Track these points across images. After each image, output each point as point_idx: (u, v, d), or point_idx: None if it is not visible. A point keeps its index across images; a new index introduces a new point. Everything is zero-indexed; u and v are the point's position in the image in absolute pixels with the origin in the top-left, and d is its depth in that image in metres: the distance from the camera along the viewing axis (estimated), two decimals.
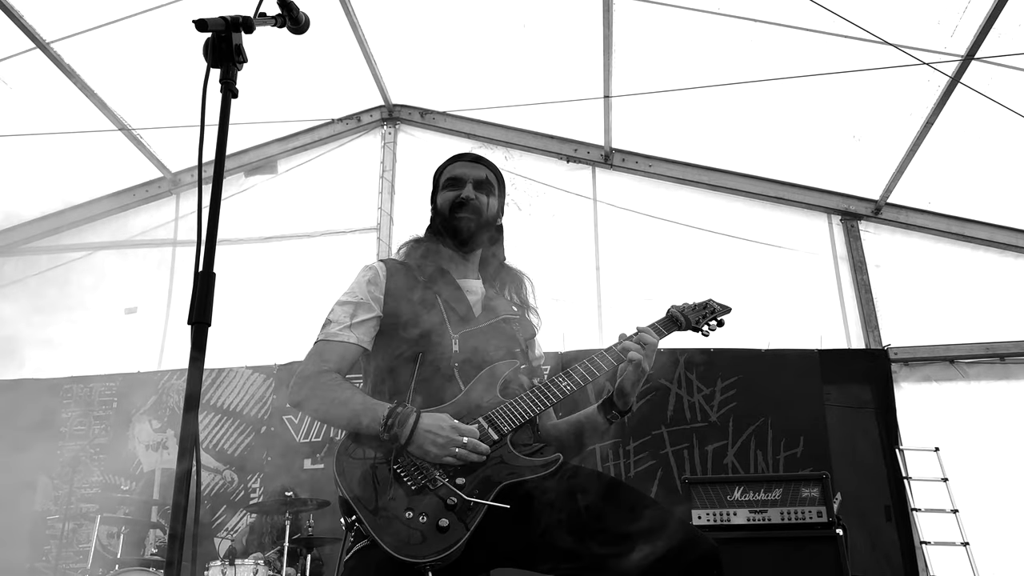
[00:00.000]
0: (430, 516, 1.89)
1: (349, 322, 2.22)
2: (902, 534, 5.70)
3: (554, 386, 2.12)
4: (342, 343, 2.19)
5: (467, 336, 2.19)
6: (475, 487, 1.94)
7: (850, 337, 6.46)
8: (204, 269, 1.46)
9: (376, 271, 2.33)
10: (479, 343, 2.19)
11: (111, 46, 6.11)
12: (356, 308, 2.25)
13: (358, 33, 6.48)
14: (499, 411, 2.06)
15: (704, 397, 6.21)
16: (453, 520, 1.88)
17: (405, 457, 1.97)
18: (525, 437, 2.13)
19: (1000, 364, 6.21)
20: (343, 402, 2.06)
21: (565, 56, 6.37)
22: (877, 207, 6.64)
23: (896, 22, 5.13)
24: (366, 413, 2.01)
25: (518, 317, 2.38)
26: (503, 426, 2.04)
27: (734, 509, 4.19)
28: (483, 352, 2.18)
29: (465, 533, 1.86)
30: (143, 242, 7.62)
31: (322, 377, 2.13)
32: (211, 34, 1.57)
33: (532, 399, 2.09)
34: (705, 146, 6.77)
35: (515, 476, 1.98)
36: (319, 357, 2.18)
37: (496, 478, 1.96)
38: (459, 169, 2.45)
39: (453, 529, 1.87)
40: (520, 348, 2.31)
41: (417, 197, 7.30)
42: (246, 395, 6.79)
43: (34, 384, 7.11)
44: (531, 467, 2.01)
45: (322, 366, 2.15)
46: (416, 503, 1.90)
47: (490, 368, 2.15)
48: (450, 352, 2.16)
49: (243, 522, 6.27)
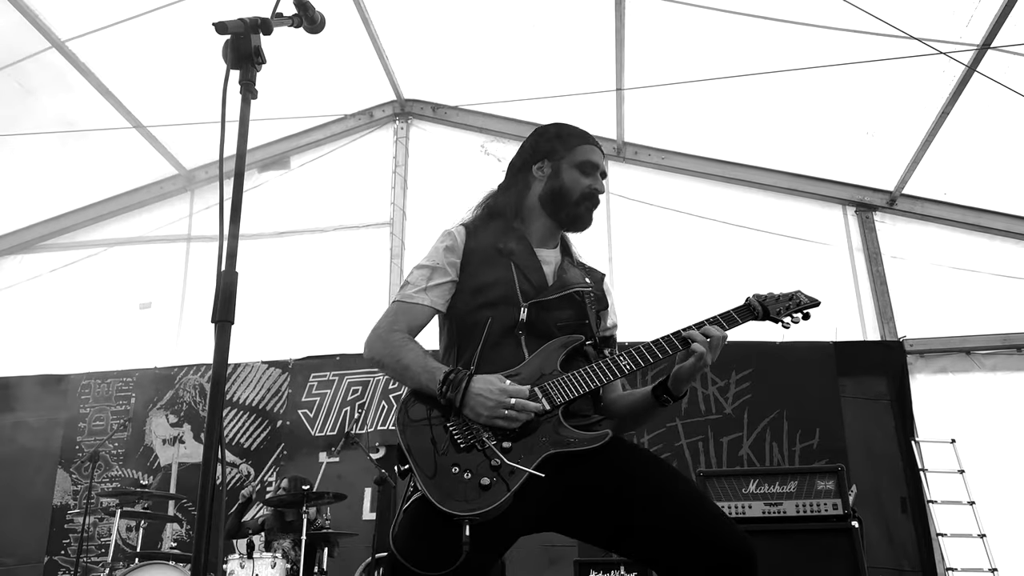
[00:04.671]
0: (475, 474, 1.98)
1: (424, 285, 2.29)
2: (918, 526, 5.68)
3: (613, 365, 2.15)
4: (416, 305, 2.28)
5: (536, 306, 2.23)
6: (521, 452, 2.01)
7: (865, 329, 6.43)
8: (227, 268, 1.48)
9: (455, 238, 2.35)
10: (547, 314, 2.23)
11: (126, 44, 6.15)
12: (432, 272, 2.31)
13: (370, 29, 6.49)
14: (555, 383, 2.11)
15: (719, 389, 6.21)
16: (496, 481, 1.97)
17: (459, 416, 2.06)
18: (584, 408, 2.19)
19: (1017, 355, 6.17)
20: (407, 364, 2.17)
21: (577, 50, 6.36)
22: (892, 198, 6.61)
23: (911, 12, 5.09)
24: (425, 375, 2.11)
25: (590, 288, 2.35)
26: (556, 398, 2.09)
27: (749, 502, 4.19)
28: (550, 323, 2.22)
29: (506, 494, 1.95)
30: (157, 238, 7.67)
31: (392, 336, 2.24)
32: (230, 36, 1.59)
33: (589, 375, 2.12)
34: (718, 139, 6.74)
35: (561, 447, 2.04)
36: (393, 317, 2.29)
37: (542, 447, 2.03)
38: (595, 156, 2.41)
39: (495, 489, 1.96)
40: (588, 320, 2.29)
41: (430, 191, 7.37)
42: (262, 389, 6.84)
43: (51, 380, 7.19)
44: (578, 439, 2.05)
45: (393, 326, 2.26)
46: (464, 461, 2.00)
47: (554, 341, 2.19)
48: (517, 321, 2.20)
49: (259, 515, 6.33)
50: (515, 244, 2.33)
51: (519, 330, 2.20)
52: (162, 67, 6.40)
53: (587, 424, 2.14)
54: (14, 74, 6.23)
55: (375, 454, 6.30)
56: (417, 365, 2.15)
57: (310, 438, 6.61)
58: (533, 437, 2.04)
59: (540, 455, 2.01)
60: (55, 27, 5.95)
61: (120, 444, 6.87)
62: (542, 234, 2.40)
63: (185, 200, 7.76)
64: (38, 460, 6.95)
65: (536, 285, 2.27)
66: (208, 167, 7.67)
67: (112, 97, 6.59)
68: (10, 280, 7.76)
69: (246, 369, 6.89)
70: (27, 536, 6.66)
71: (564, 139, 2.44)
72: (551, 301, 2.25)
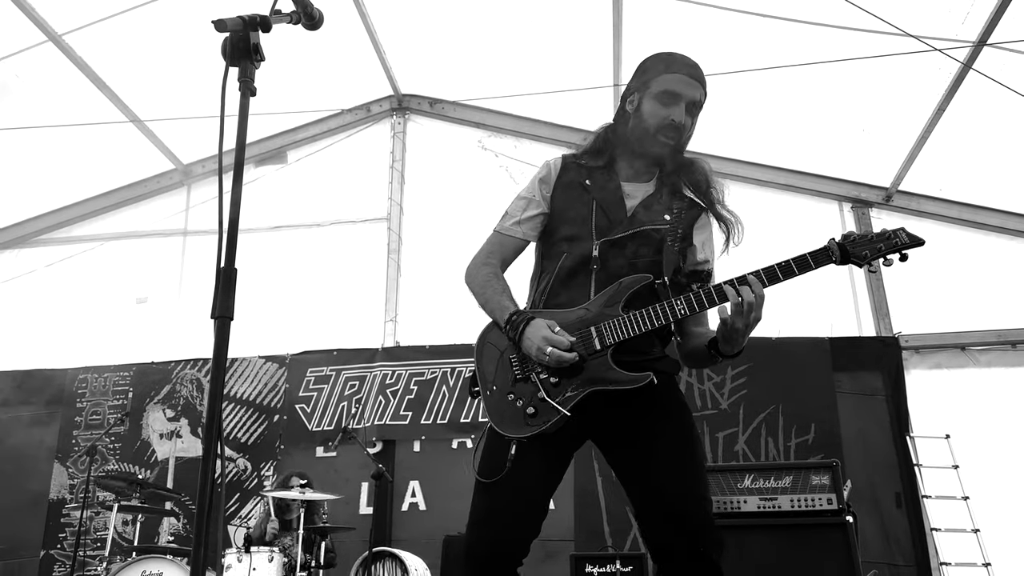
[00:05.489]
0: (524, 402, 2.22)
1: (520, 216, 2.42)
2: (913, 521, 5.71)
3: (669, 309, 2.17)
4: (509, 237, 2.43)
5: (607, 244, 2.29)
6: (567, 388, 2.19)
7: (861, 325, 6.46)
8: (226, 264, 1.49)
9: (549, 169, 2.45)
10: (620, 251, 2.29)
11: (122, 38, 6.14)
12: (528, 204, 2.43)
13: (367, 23, 6.48)
14: (610, 324, 2.19)
15: (715, 385, 6.23)
16: (539, 411, 2.19)
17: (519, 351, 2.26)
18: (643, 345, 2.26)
19: (1011, 351, 6.19)
20: (487, 298, 2.34)
21: (575, 45, 6.36)
22: (888, 194, 6.63)
23: (908, 9, 5.10)
24: (499, 311, 2.30)
25: (668, 225, 2.32)
26: (608, 338, 2.18)
27: (744, 496, 4.21)
28: (623, 260, 2.28)
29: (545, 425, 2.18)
30: (154, 232, 7.67)
31: (482, 270, 2.40)
32: (229, 33, 1.59)
33: (642, 318, 2.17)
34: (715, 134, 6.73)
35: (602, 384, 2.18)
36: (488, 248, 2.45)
37: (585, 384, 2.19)
38: (678, 85, 2.34)
39: (540, 416, 2.19)
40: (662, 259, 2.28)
41: (427, 186, 7.38)
42: (259, 384, 6.85)
43: (49, 374, 7.19)
44: (619, 380, 2.17)
45: (487, 259, 2.42)
46: (518, 389, 2.24)
47: (619, 282, 2.24)
48: (590, 257, 2.29)
49: (256, 510, 6.35)
50: (601, 179, 2.38)
51: (592, 265, 2.29)
52: (159, 61, 6.39)
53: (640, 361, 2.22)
54: (10, 67, 6.22)
55: (372, 449, 6.31)
56: (494, 302, 2.31)
57: (307, 433, 6.62)
58: (582, 375, 2.19)
59: (583, 391, 2.18)
60: (51, 21, 5.94)
61: (117, 438, 6.87)
62: (634, 168, 2.41)
63: (182, 194, 7.75)
64: (35, 454, 6.96)
65: (614, 221, 2.32)
66: (204, 161, 7.66)
67: (109, 91, 6.58)
68: (6, 274, 7.75)
69: (243, 364, 6.90)
70: (24, 530, 6.67)
71: (648, 69, 2.39)
72: (622, 239, 2.29)
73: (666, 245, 2.29)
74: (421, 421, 6.46)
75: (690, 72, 2.36)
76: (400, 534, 6.12)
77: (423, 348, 6.67)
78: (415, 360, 6.65)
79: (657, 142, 2.34)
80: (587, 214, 2.32)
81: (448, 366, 6.58)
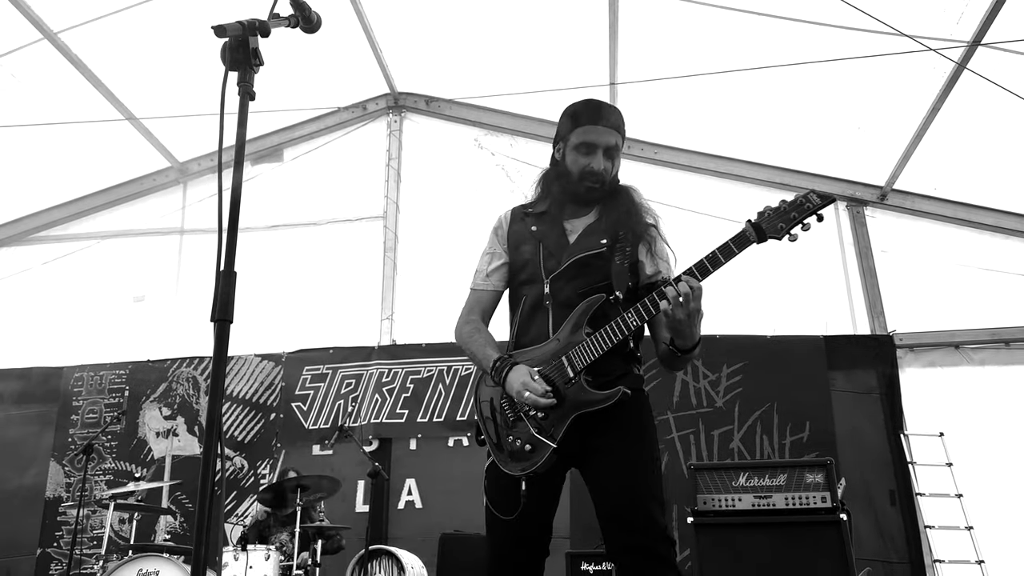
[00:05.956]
0: (523, 440, 2.39)
1: (487, 269, 2.64)
2: (907, 518, 5.74)
3: (623, 322, 2.31)
4: (482, 291, 2.65)
5: (554, 279, 2.48)
6: (554, 420, 2.36)
7: (856, 323, 6.48)
8: (226, 268, 1.50)
9: (501, 221, 2.67)
10: (567, 284, 2.46)
11: (118, 36, 6.12)
12: (491, 257, 2.65)
13: (363, 21, 6.48)
14: (576, 349, 2.35)
15: (710, 383, 6.25)
16: (537, 445, 2.36)
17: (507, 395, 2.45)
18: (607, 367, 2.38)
19: (1005, 349, 6.22)
20: (473, 352, 2.56)
21: (571, 43, 6.36)
22: (883, 193, 6.65)
23: (902, 9, 5.12)
24: (484, 362, 2.50)
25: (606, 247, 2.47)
26: (577, 363, 2.34)
27: (739, 495, 4.23)
28: (571, 292, 2.44)
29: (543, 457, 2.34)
30: (151, 231, 7.66)
31: (465, 327, 2.63)
32: (228, 39, 1.60)
33: (602, 337, 2.32)
34: (710, 133, 6.77)
35: (583, 407, 2.34)
36: (467, 307, 2.67)
37: (568, 411, 2.35)
38: (592, 135, 2.53)
39: (537, 452, 2.35)
40: (609, 281, 2.42)
41: (423, 184, 7.38)
42: (255, 382, 6.86)
43: (45, 372, 7.19)
44: (595, 400, 2.33)
45: (468, 316, 2.64)
46: (516, 430, 2.42)
47: (577, 307, 2.40)
48: (543, 293, 2.48)
49: (253, 508, 6.35)
50: (547, 222, 2.57)
51: (546, 301, 2.47)
52: (154, 59, 6.38)
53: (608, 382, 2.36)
54: (6, 65, 6.21)
55: (368, 447, 6.32)
56: (480, 353, 2.52)
57: (304, 431, 6.63)
58: (565, 404, 2.35)
59: (568, 418, 2.34)
60: (47, 18, 5.93)
61: (113, 436, 6.87)
62: (574, 206, 2.60)
63: (178, 192, 7.75)
64: (31, 452, 6.96)
65: (558, 258, 2.51)
66: (200, 159, 7.65)
67: (104, 88, 6.57)
68: (2, 272, 7.74)
69: (239, 362, 6.90)
70: (20, 528, 6.67)
71: (566, 121, 2.62)
72: (564, 270, 2.47)
73: (613, 265, 2.44)
74: (417, 419, 6.47)
75: (604, 122, 2.56)
76: (396, 532, 6.13)
77: (419, 346, 6.69)
78: (411, 358, 6.66)
79: (583, 187, 2.53)
80: (536, 258, 2.52)
81: (444, 364, 6.59)
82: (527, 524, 2.42)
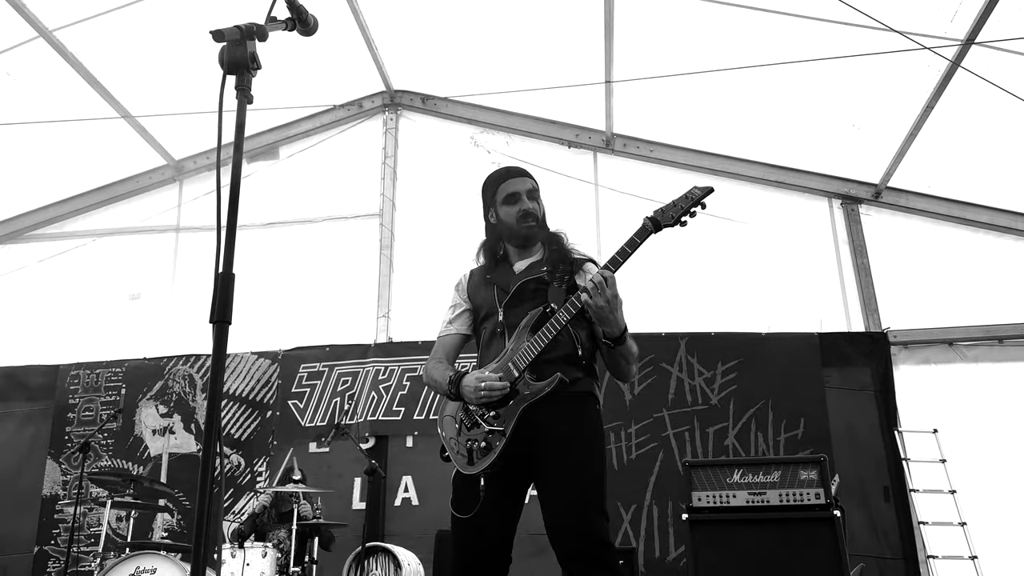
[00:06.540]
0: (479, 442, 2.66)
1: (450, 317, 2.99)
2: (900, 515, 5.78)
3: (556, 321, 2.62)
4: (446, 336, 2.98)
5: (506, 308, 2.80)
6: (505, 416, 2.63)
7: (850, 320, 6.51)
8: (224, 270, 1.51)
9: (460, 279, 3.04)
10: (517, 309, 2.78)
11: (114, 34, 6.12)
12: (454, 307, 3.00)
13: (359, 19, 6.48)
14: (520, 352, 2.67)
15: (705, 380, 6.27)
16: (491, 441, 2.62)
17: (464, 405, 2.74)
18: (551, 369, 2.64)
19: (999, 346, 6.26)
20: (433, 379, 2.87)
21: (566, 41, 6.38)
22: (877, 191, 6.67)
23: (897, 7, 5.14)
24: (443, 381, 2.78)
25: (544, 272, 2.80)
26: (520, 363, 2.65)
27: (733, 491, 4.24)
28: (521, 316, 2.74)
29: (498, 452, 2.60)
30: (146, 228, 7.66)
31: (429, 365, 2.94)
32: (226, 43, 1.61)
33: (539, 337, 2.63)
34: (706, 131, 6.78)
35: (528, 400, 2.62)
36: (434, 352, 2.99)
37: (516, 406, 2.63)
38: (513, 186, 2.90)
39: (492, 449, 2.62)
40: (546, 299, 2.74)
41: (419, 182, 7.38)
42: (252, 380, 6.86)
43: (41, 370, 7.18)
44: (536, 389, 2.62)
45: (433, 356, 2.96)
46: (474, 435, 2.68)
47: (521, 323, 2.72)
48: (498, 321, 2.80)
49: (249, 505, 6.36)
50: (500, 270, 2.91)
51: (500, 328, 2.80)
52: (151, 57, 6.38)
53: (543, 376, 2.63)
54: (1, 63, 6.20)
55: (365, 444, 6.34)
56: (438, 376, 2.83)
57: (300, 429, 6.64)
58: (514, 402, 2.64)
59: (517, 411, 2.62)
60: (42, 16, 5.92)
61: (110, 434, 6.88)
62: (520, 250, 2.94)
63: (174, 190, 7.74)
64: (28, 451, 6.96)
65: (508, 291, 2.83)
66: (196, 157, 7.65)
67: (100, 87, 6.57)
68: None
69: (236, 360, 6.90)
70: (17, 526, 6.67)
71: (488, 189, 2.97)
72: (512, 297, 2.80)
73: (551, 287, 2.75)
74: (414, 416, 6.48)
75: (518, 174, 2.96)
76: (393, 529, 6.15)
77: (416, 344, 6.69)
78: (408, 356, 6.67)
79: (523, 227, 2.86)
80: (491, 295, 2.86)
81: None
82: (487, 527, 2.62)
